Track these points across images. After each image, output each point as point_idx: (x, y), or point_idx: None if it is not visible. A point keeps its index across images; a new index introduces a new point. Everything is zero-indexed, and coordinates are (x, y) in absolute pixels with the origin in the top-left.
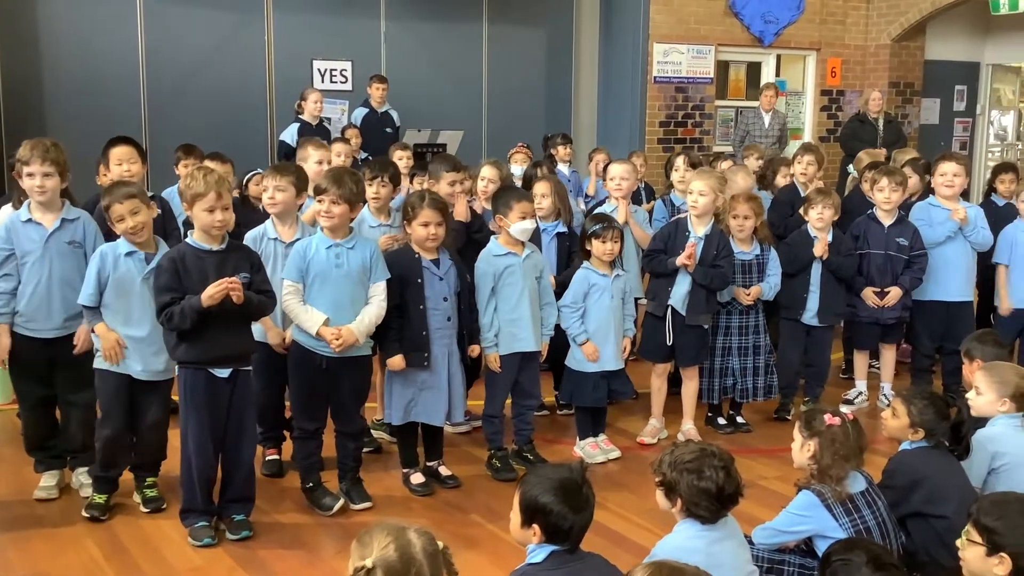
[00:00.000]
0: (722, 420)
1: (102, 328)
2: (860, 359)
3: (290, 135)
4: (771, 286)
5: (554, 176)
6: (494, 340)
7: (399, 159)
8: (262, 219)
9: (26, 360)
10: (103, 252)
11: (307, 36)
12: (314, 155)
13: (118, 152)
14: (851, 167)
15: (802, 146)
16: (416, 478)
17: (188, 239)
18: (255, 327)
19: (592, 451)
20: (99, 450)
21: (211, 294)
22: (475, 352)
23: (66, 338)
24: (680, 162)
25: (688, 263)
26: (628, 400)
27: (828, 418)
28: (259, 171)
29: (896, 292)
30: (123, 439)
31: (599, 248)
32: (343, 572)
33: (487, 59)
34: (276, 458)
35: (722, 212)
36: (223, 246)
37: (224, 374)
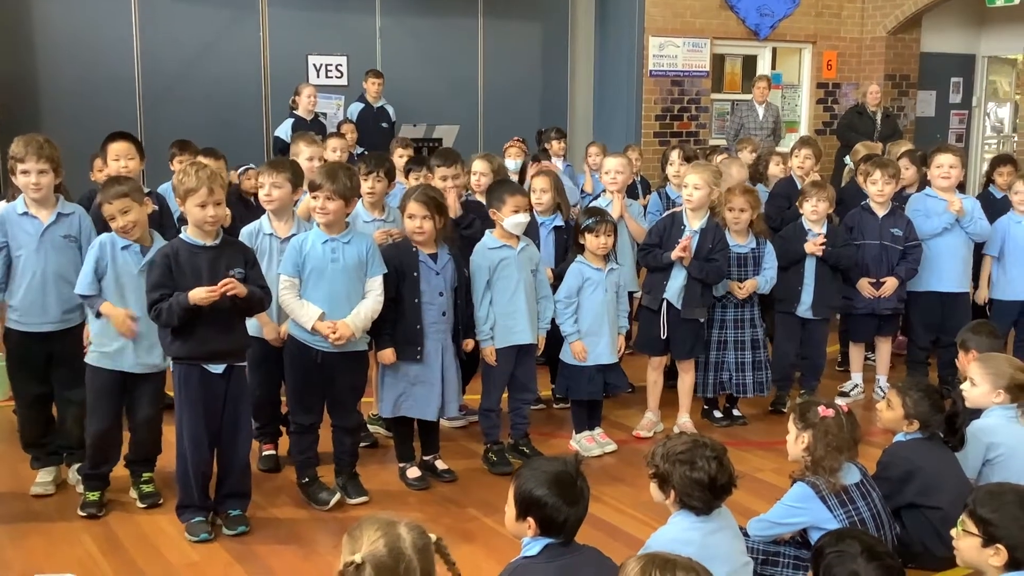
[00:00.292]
0: (718, 413)
1: (108, 306)
2: (856, 351)
3: (284, 131)
4: (767, 280)
5: (552, 171)
6: (490, 333)
7: (400, 156)
8: (255, 214)
9: (23, 356)
10: (102, 241)
11: (302, 31)
12: (305, 151)
13: (116, 148)
14: (847, 158)
15: (800, 139)
16: (412, 472)
17: (182, 235)
18: (251, 322)
19: (588, 444)
20: (88, 446)
21: (203, 297)
22: (469, 347)
23: (63, 333)
24: (675, 156)
25: (683, 255)
26: (624, 394)
27: (822, 410)
28: (251, 166)
29: (892, 282)
30: (112, 435)
31: (592, 242)
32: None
33: (483, 53)
34: (272, 453)
35: (717, 205)
36: (217, 242)
37: (218, 370)
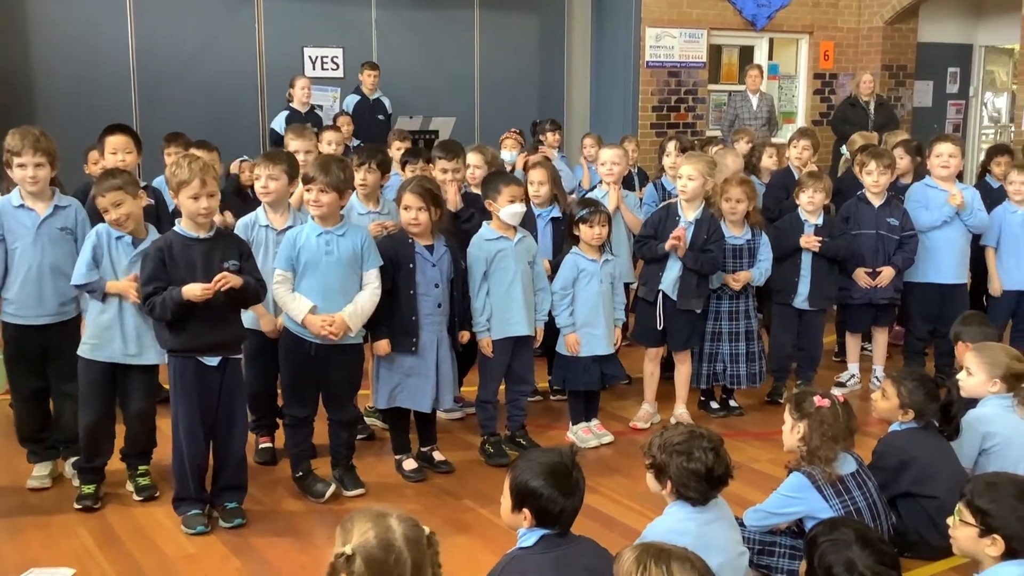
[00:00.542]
0: (715, 404)
1: (112, 284)
2: (852, 342)
3: (279, 123)
4: (761, 271)
5: (549, 162)
6: (486, 325)
7: (397, 150)
8: (252, 206)
9: (20, 349)
10: (99, 231)
11: (298, 23)
12: (292, 145)
13: (114, 141)
14: (844, 148)
15: (798, 130)
16: (408, 464)
17: (176, 227)
18: (247, 314)
19: (585, 436)
20: (82, 438)
21: (197, 295)
22: (465, 338)
23: (59, 325)
24: (671, 147)
25: (677, 244)
26: (621, 385)
27: (818, 400)
28: (245, 158)
29: (889, 272)
30: (104, 427)
31: (587, 233)
32: None
33: (479, 45)
34: (269, 446)
35: (713, 196)
36: (211, 234)
37: (213, 362)
